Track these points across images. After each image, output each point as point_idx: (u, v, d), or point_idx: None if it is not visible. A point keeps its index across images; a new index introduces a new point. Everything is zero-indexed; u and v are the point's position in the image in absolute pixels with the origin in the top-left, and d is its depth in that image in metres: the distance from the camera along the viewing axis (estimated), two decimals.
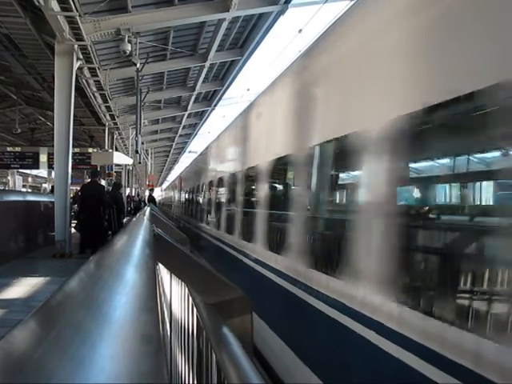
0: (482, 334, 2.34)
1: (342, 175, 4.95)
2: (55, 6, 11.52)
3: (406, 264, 3.18)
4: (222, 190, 10.55)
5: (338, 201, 5.02)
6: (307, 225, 4.90)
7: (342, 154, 4.39)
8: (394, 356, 3.01)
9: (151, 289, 1.17)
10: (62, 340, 0.68)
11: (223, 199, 10.41)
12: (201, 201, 15.22)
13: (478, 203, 3.05)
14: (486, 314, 2.61)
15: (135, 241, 2.16)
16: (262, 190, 6.62)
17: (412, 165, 3.51)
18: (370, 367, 3.49)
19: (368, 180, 3.73)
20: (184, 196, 22.10)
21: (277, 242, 5.90)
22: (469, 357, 2.35)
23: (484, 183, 2.98)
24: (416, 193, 3.73)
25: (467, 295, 2.77)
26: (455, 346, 2.47)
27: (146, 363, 0.64)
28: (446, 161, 3.41)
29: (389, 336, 3.09)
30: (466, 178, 3.09)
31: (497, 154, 2.79)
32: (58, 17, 12.00)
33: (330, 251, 4.70)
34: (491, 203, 2.91)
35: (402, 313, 2.97)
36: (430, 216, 3.39)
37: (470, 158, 2.99)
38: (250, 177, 7.51)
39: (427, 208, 3.47)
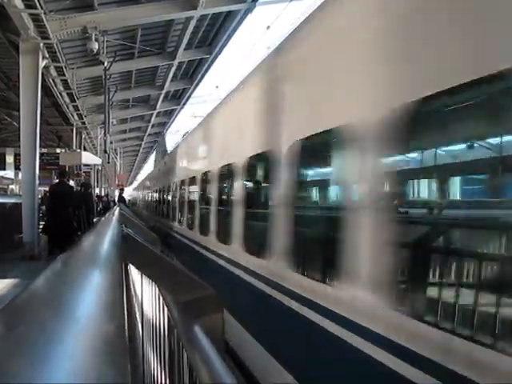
0: None
1: None
2: (18, 3, 11.31)
3: None
4: None
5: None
6: None
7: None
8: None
9: (117, 288, 1.16)
10: (25, 339, 0.67)
11: None
12: None
13: None
14: None
15: (103, 241, 2.14)
16: None
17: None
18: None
19: None
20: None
21: None
22: None
23: None
24: None
25: None
26: None
27: (109, 364, 0.63)
28: None
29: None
30: None
31: None
32: (22, 14, 11.79)
33: None
34: None
35: None
36: None
37: None
38: None
39: None
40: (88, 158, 25.98)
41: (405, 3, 3.02)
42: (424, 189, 4.22)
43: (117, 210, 7.68)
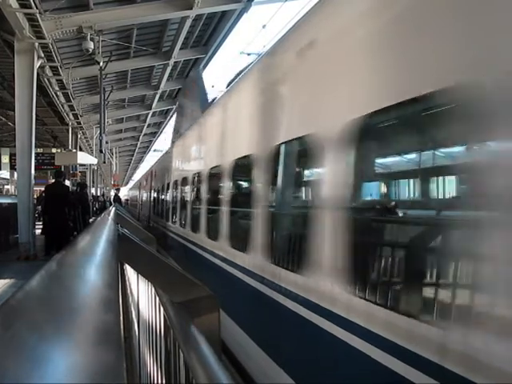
0: None
1: None
2: (13, 3, 11.25)
3: None
4: None
5: None
6: None
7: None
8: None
9: (113, 289, 1.15)
10: (18, 339, 0.66)
11: None
12: None
13: None
14: None
15: (98, 241, 2.13)
16: None
17: None
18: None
19: None
20: None
21: None
22: None
23: None
24: None
25: None
26: None
27: (104, 364, 0.62)
28: None
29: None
30: None
31: None
32: (17, 14, 11.73)
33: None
34: None
35: None
36: None
37: None
38: None
39: None
40: (84, 157, 25.91)
41: None
42: None
43: (112, 210, 7.66)
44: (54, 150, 27.00)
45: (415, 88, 2.64)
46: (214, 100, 9.43)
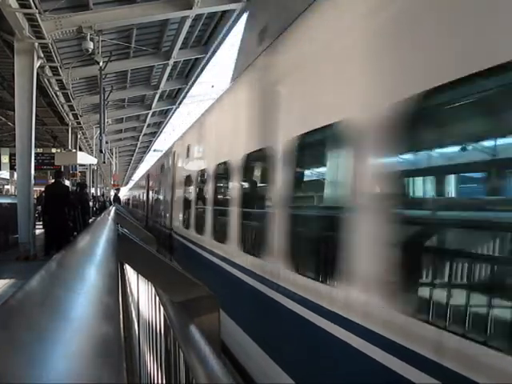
0: None
1: None
2: (13, 3, 11.25)
3: None
4: None
5: None
6: None
7: None
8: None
9: (113, 288, 1.15)
10: (18, 339, 0.66)
11: None
12: None
13: None
14: None
15: (98, 240, 2.12)
16: None
17: None
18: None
19: None
20: None
21: None
22: None
23: None
24: None
25: None
26: None
27: (104, 364, 0.62)
28: None
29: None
30: None
31: None
32: (17, 14, 11.73)
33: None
34: None
35: None
36: None
37: None
38: None
39: None
40: (83, 157, 25.92)
41: None
42: None
43: (112, 210, 7.66)
44: (53, 150, 27.00)
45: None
46: None
